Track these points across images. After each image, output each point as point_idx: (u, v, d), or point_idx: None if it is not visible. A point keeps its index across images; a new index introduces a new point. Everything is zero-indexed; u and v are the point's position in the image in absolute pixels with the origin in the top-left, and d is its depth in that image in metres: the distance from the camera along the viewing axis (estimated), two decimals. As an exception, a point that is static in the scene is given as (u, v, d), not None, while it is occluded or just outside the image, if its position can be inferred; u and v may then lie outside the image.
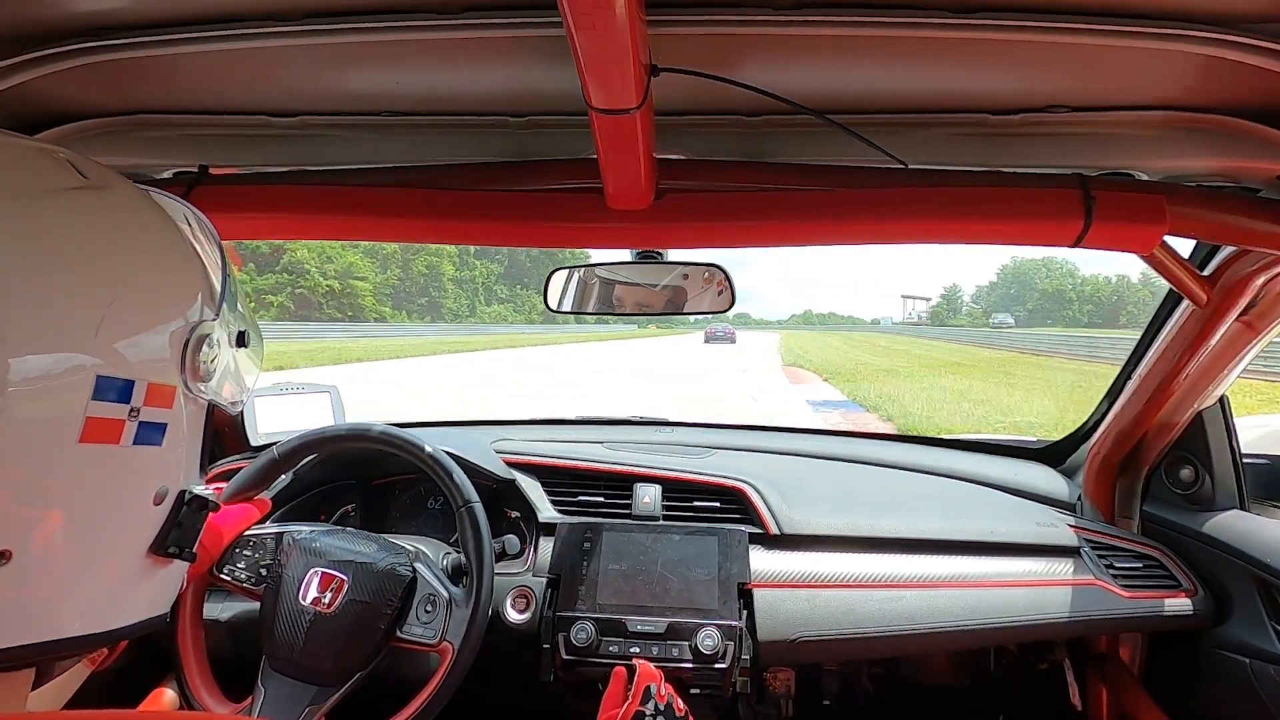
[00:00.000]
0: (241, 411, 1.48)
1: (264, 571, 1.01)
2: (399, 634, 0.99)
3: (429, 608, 1.00)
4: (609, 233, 0.92)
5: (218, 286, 0.49)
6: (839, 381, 15.96)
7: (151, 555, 0.45)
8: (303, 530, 1.06)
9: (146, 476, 0.43)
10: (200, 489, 0.48)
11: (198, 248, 0.49)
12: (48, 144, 0.43)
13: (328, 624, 0.96)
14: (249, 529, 1.06)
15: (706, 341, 34.43)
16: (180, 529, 0.46)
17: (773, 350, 30.03)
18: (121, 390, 0.40)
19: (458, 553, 1.14)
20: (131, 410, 0.40)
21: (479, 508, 1.06)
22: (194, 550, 0.48)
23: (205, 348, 0.46)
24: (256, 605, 1.01)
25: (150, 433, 0.42)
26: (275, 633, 0.96)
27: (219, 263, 0.51)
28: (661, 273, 1.21)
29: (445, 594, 1.01)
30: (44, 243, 0.38)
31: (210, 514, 0.49)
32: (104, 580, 0.42)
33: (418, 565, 1.04)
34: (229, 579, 1.02)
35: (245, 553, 1.03)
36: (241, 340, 0.52)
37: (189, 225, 0.50)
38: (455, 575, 1.09)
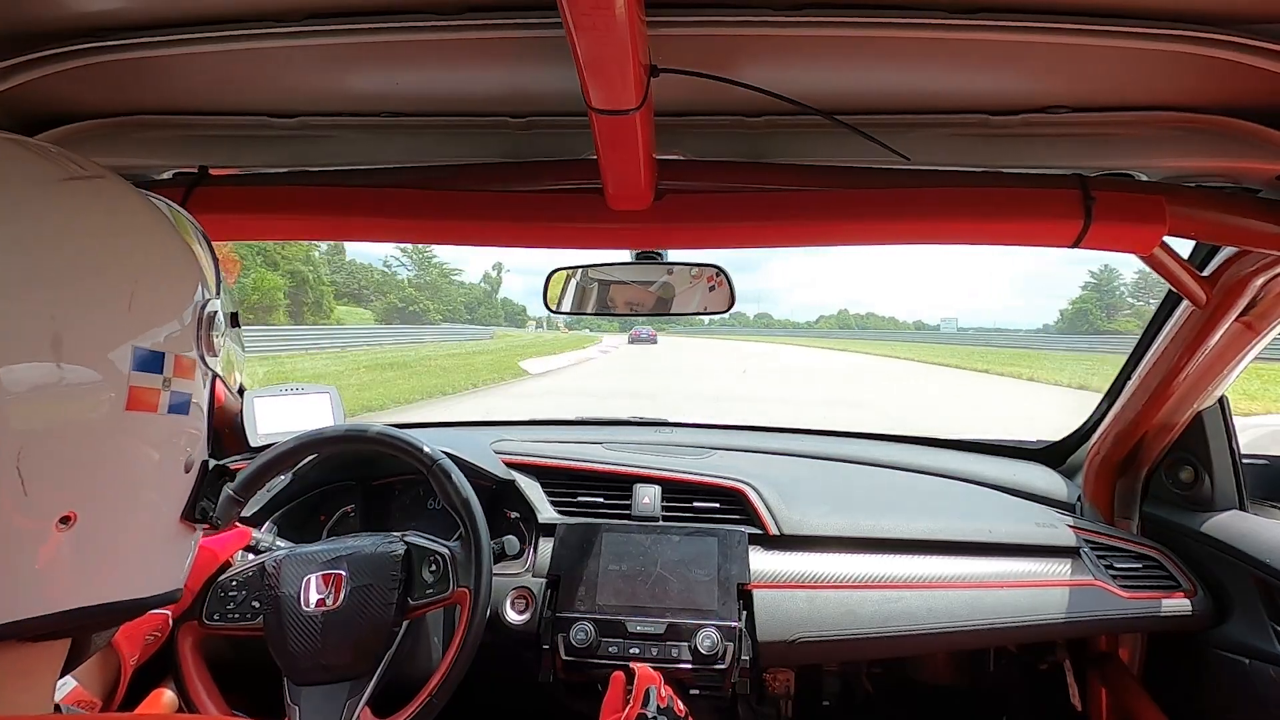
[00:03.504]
0: (240, 411, 1.48)
1: (257, 604, 1.00)
2: (412, 602, 1.00)
3: (433, 568, 1.02)
4: (609, 233, 0.92)
5: (211, 270, 0.52)
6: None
7: (182, 522, 0.48)
8: (280, 550, 1.06)
9: (179, 445, 0.46)
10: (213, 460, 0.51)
11: (183, 234, 0.52)
12: (38, 142, 0.45)
13: (339, 619, 0.96)
14: (232, 557, 1.05)
15: (630, 343, 36.95)
16: (206, 497, 0.49)
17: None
18: (156, 361, 0.43)
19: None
20: (165, 380, 0.43)
21: (447, 461, 1.07)
22: (217, 517, 0.51)
23: (215, 324, 0.49)
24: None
25: (180, 403, 0.45)
26: (290, 648, 0.96)
27: (206, 248, 0.54)
28: (661, 273, 1.21)
29: (445, 549, 1.03)
30: (75, 225, 0.41)
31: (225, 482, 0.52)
32: (144, 546, 0.45)
33: (408, 538, 1.05)
34: (223, 623, 1.00)
35: (231, 594, 1.01)
36: (234, 321, 0.55)
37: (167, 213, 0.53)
38: None
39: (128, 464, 0.42)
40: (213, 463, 0.50)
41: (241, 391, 1.53)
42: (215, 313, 0.49)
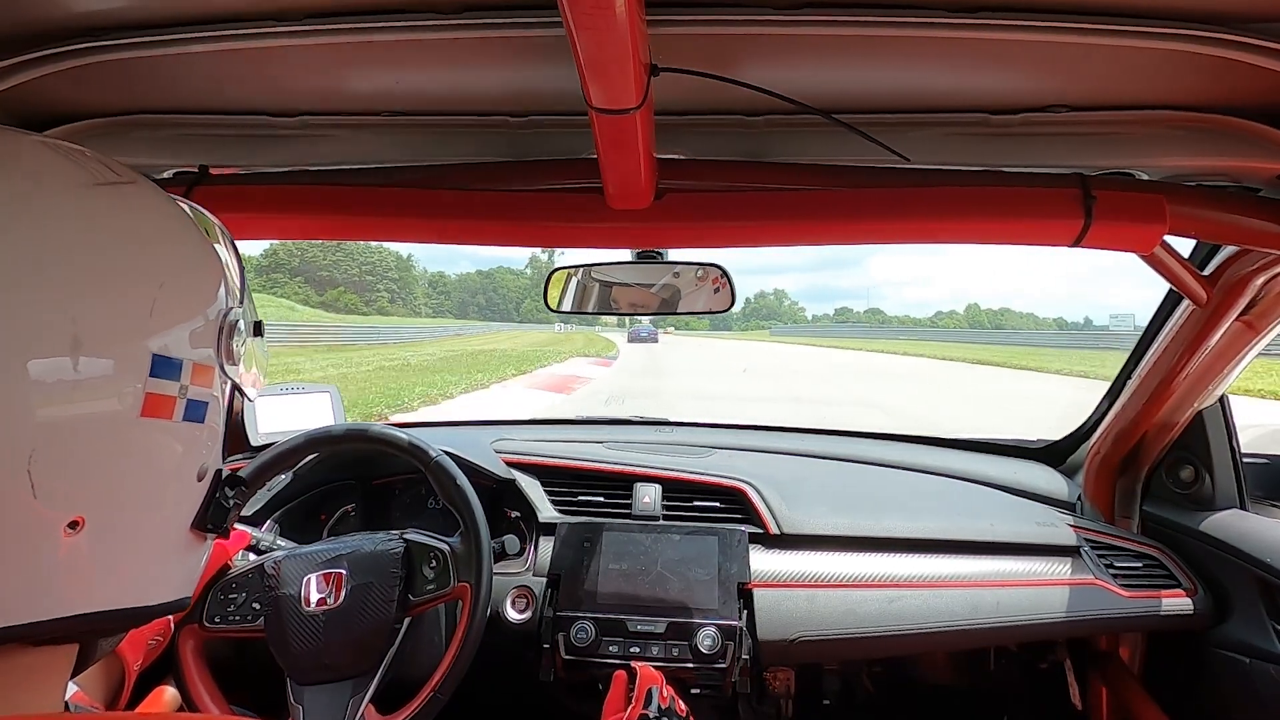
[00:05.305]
0: (241, 411, 1.48)
1: (257, 606, 1.00)
2: (413, 599, 1.00)
3: (433, 564, 1.02)
4: (609, 232, 0.92)
5: (236, 277, 0.52)
6: None
7: (193, 531, 0.47)
8: (280, 550, 1.06)
9: (193, 453, 0.45)
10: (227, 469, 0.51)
11: (209, 239, 0.51)
12: (74, 144, 0.45)
13: (341, 618, 0.97)
14: (231, 560, 1.05)
15: (630, 341, 35.67)
16: (217, 506, 0.49)
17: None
18: (173, 368, 0.42)
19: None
20: (182, 388, 0.43)
21: (448, 460, 1.07)
22: (227, 527, 0.50)
23: (237, 332, 0.49)
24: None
25: (196, 410, 0.44)
26: (292, 648, 0.96)
27: (233, 254, 0.53)
28: (662, 273, 1.21)
29: (444, 546, 1.03)
30: (102, 231, 0.41)
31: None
32: (153, 554, 0.45)
33: (408, 535, 1.05)
34: (224, 625, 1.00)
35: (231, 596, 1.01)
36: (258, 330, 0.54)
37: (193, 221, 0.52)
38: None
39: (140, 469, 0.42)
40: (226, 471, 0.50)
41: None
42: (236, 321, 0.49)
